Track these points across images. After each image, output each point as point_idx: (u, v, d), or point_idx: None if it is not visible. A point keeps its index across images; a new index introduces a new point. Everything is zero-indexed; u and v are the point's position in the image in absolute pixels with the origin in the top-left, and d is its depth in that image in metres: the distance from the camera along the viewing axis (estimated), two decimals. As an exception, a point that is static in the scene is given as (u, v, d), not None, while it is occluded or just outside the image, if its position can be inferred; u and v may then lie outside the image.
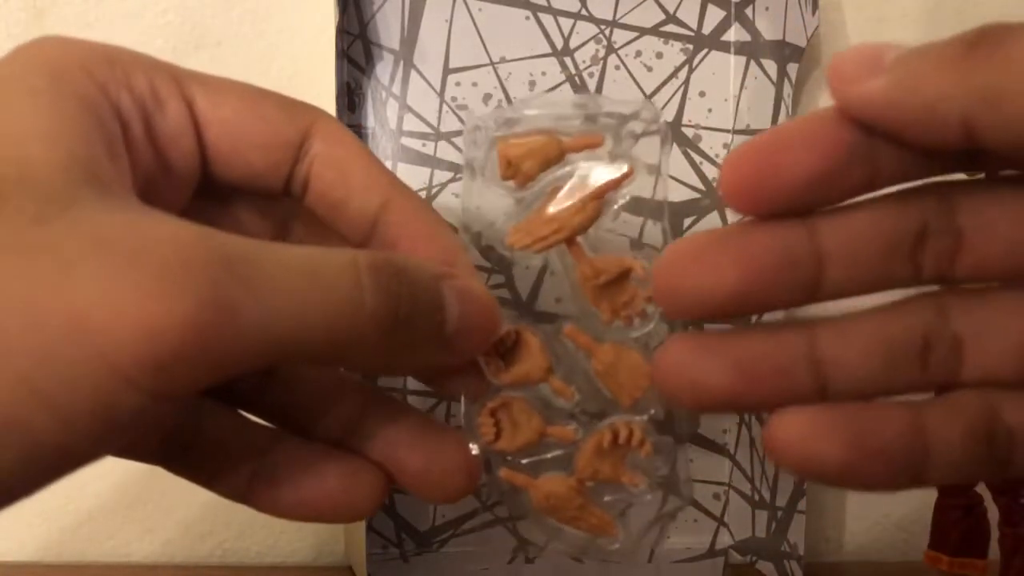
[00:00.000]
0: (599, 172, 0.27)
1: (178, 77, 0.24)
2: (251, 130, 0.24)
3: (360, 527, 0.43)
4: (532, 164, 0.26)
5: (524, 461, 0.28)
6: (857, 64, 0.20)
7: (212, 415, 0.25)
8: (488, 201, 0.27)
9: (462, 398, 0.27)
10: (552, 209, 0.26)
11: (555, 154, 0.26)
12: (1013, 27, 0.19)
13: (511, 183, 0.26)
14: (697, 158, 0.50)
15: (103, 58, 0.22)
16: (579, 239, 0.26)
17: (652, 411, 0.27)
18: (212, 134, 0.24)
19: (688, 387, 0.22)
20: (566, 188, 0.26)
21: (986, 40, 0.19)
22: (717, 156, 0.50)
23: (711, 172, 0.50)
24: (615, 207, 0.27)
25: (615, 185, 0.27)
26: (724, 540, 0.51)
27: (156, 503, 0.49)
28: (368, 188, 0.25)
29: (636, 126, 0.27)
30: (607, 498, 0.28)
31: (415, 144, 0.48)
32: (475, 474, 0.26)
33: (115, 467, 0.48)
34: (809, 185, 0.21)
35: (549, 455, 0.27)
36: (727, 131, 0.50)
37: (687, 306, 0.21)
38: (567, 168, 0.27)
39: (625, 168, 0.26)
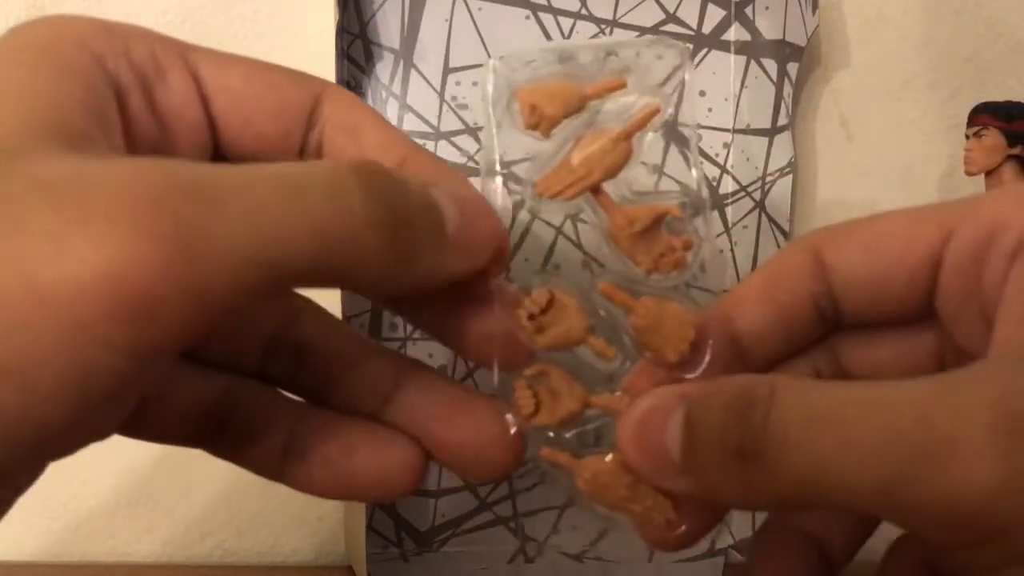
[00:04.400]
0: (624, 112, 0.25)
1: (181, 48, 0.23)
2: (261, 97, 0.24)
3: (360, 527, 0.43)
4: (555, 107, 0.24)
5: (568, 435, 0.25)
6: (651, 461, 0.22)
7: (244, 392, 0.25)
8: (514, 155, 0.25)
9: (495, 368, 0.25)
10: (579, 155, 0.25)
11: (577, 99, 0.25)
12: (770, 434, 0.20)
13: (536, 133, 0.24)
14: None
15: (101, 30, 0.21)
16: (607, 189, 0.25)
17: (699, 370, 0.24)
18: (220, 103, 0.23)
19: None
20: (591, 132, 0.25)
21: (757, 452, 0.20)
22: (717, 155, 0.50)
23: (711, 172, 0.50)
24: (646, 145, 0.25)
25: (642, 124, 0.25)
26: (724, 540, 0.51)
27: (156, 503, 0.49)
28: (384, 148, 0.24)
29: (658, 66, 0.26)
30: None
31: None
32: (517, 449, 0.24)
33: (115, 467, 0.48)
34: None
35: (591, 426, 0.25)
36: (727, 130, 0.50)
37: None
38: (589, 114, 0.25)
39: (650, 106, 0.25)
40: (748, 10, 0.49)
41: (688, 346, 0.24)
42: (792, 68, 0.48)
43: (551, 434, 0.25)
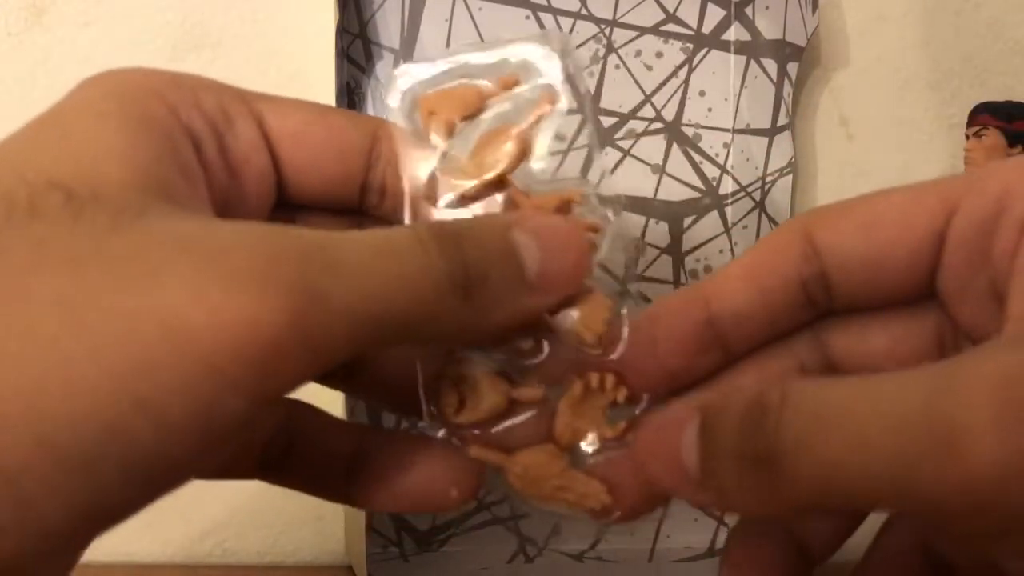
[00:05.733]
0: (521, 108, 0.25)
1: (245, 97, 0.24)
2: (323, 140, 0.24)
3: (360, 527, 0.43)
4: (451, 108, 0.25)
5: (494, 431, 0.25)
6: (669, 467, 0.22)
7: (301, 418, 0.25)
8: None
9: (418, 370, 0.25)
10: (479, 154, 0.25)
11: (473, 98, 0.25)
12: (782, 438, 0.20)
13: (438, 138, 0.25)
14: (697, 157, 0.50)
15: (170, 81, 0.22)
16: (513, 182, 0.25)
17: (617, 352, 0.25)
18: (285, 148, 0.24)
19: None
20: (490, 131, 0.25)
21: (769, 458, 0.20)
22: (717, 155, 0.50)
23: (711, 172, 0.50)
24: (547, 140, 0.25)
25: (536, 118, 0.25)
26: (724, 540, 0.51)
27: (156, 503, 0.49)
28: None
29: (550, 59, 0.26)
30: (591, 461, 0.25)
31: (415, 144, 0.48)
32: (473, 483, 0.25)
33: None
34: (671, 381, 0.25)
35: (520, 419, 0.25)
36: (727, 130, 0.50)
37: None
38: (492, 113, 0.25)
39: (544, 100, 0.25)
40: (748, 10, 0.49)
41: (605, 327, 0.24)
42: (792, 68, 0.48)
43: (477, 432, 0.25)
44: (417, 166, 0.25)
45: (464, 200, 0.25)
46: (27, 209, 0.18)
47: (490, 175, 0.25)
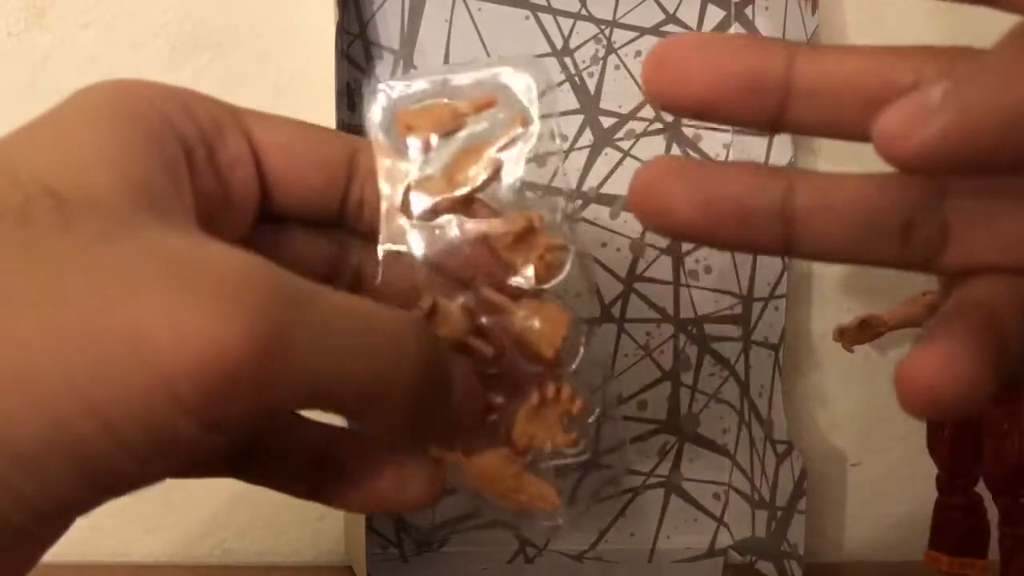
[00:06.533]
0: (494, 129, 0.26)
1: (234, 110, 0.25)
2: (308, 153, 0.25)
3: (360, 527, 0.43)
4: (428, 125, 0.26)
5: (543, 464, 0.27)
6: (903, 117, 0.18)
7: (271, 419, 0.25)
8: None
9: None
10: (451, 170, 0.26)
11: (450, 116, 0.26)
12: None
13: (415, 152, 0.26)
14: (697, 158, 0.50)
15: (164, 91, 0.23)
16: (480, 201, 0.26)
17: (574, 364, 0.27)
18: (271, 159, 0.25)
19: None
20: (463, 149, 0.26)
21: None
22: (717, 156, 0.50)
23: (711, 172, 0.50)
24: (519, 163, 0.26)
25: (507, 139, 0.26)
26: (724, 540, 0.51)
27: (156, 503, 0.49)
28: None
29: (528, 85, 0.27)
30: (543, 465, 0.27)
31: (415, 144, 0.48)
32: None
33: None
34: (708, 104, 0.22)
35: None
36: (727, 131, 0.50)
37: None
38: (467, 131, 0.26)
39: (516, 123, 0.26)
40: (748, 10, 0.49)
41: (562, 342, 0.26)
42: (792, 68, 0.48)
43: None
44: (392, 179, 0.26)
45: (435, 214, 0.26)
46: (19, 214, 0.18)
47: (461, 191, 0.26)
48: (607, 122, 0.49)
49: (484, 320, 0.26)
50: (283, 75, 0.50)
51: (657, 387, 0.50)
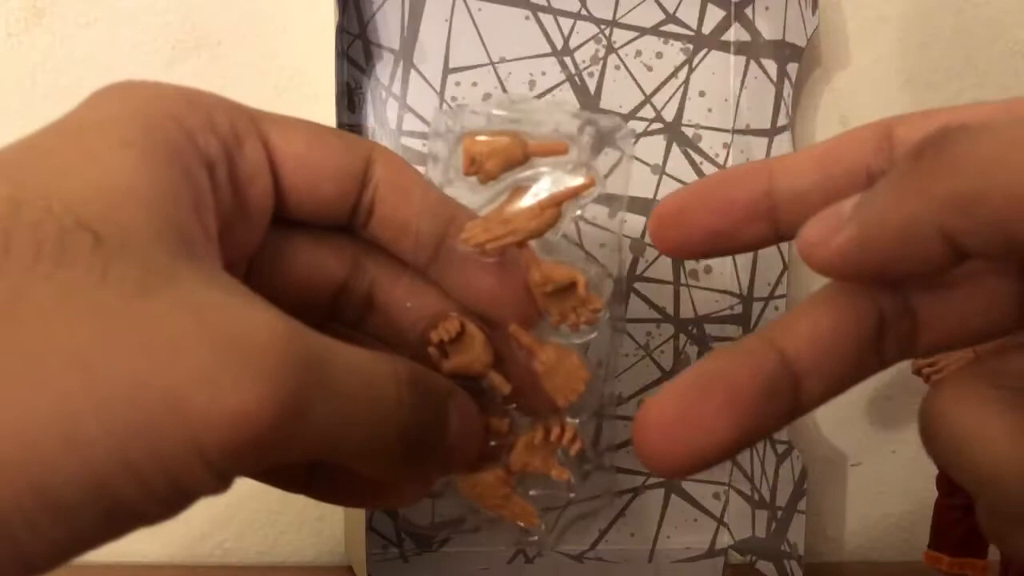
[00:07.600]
0: (560, 179, 0.27)
1: (253, 116, 0.25)
2: (323, 162, 0.25)
3: (360, 527, 0.43)
4: (495, 163, 0.26)
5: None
6: (821, 227, 0.20)
7: None
8: (452, 195, 0.27)
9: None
10: (510, 210, 0.26)
11: (519, 155, 0.27)
12: (952, 131, 0.19)
13: (474, 178, 0.27)
14: (697, 158, 0.50)
15: (187, 103, 0.23)
16: (532, 243, 0.27)
17: (584, 416, 0.28)
18: (287, 169, 0.25)
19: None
20: (527, 192, 0.27)
21: (933, 148, 0.19)
22: (717, 156, 0.50)
23: (711, 172, 0.50)
24: (574, 215, 0.27)
25: (573, 194, 0.27)
26: (724, 540, 0.51)
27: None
28: (433, 209, 0.26)
29: (599, 136, 0.28)
30: (532, 492, 0.29)
31: (415, 144, 0.48)
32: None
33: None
34: (712, 239, 0.24)
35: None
36: (727, 131, 0.50)
37: (681, 466, 0.21)
38: (530, 172, 0.27)
39: (585, 179, 0.26)
40: (748, 10, 0.49)
41: (578, 397, 0.27)
42: (792, 68, 0.48)
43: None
44: (443, 209, 0.26)
45: (484, 252, 0.26)
46: (56, 251, 0.19)
47: (518, 238, 0.26)
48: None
49: (505, 356, 0.27)
50: (283, 75, 0.50)
51: (657, 387, 0.50)
